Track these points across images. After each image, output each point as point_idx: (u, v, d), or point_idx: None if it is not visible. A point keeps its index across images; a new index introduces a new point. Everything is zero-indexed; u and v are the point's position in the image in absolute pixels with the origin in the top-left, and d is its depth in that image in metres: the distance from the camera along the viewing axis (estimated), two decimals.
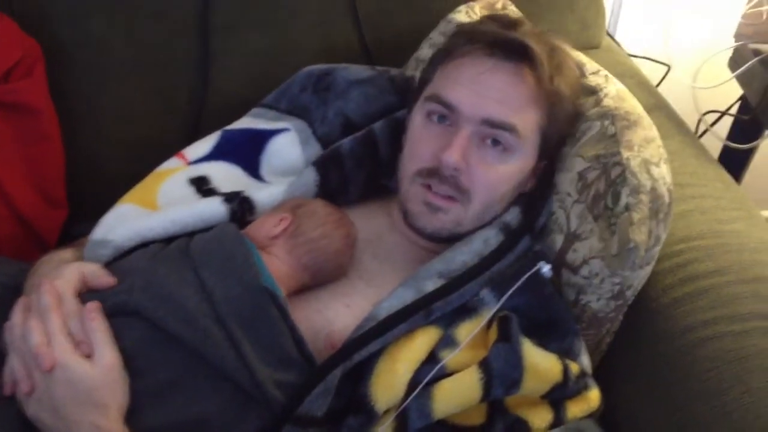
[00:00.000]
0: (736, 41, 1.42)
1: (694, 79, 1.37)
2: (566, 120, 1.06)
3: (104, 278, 0.92)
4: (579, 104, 1.08)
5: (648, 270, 1.00)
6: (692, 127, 1.43)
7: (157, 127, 1.32)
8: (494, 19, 1.09)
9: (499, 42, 1.00)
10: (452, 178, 0.99)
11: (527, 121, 1.00)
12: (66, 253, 1.05)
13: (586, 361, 0.99)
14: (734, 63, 1.43)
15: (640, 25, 1.61)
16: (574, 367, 0.94)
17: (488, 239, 1.01)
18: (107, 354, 0.84)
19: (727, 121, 1.54)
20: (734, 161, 1.50)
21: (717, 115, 1.50)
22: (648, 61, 1.56)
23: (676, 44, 1.46)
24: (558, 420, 0.93)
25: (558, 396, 0.93)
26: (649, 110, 1.29)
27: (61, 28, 1.25)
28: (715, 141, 1.45)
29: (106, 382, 0.83)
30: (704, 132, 1.47)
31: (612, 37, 1.59)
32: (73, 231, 1.23)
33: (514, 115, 0.98)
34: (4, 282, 0.99)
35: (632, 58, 1.54)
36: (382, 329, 0.91)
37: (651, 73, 1.55)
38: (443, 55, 1.06)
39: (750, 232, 1.08)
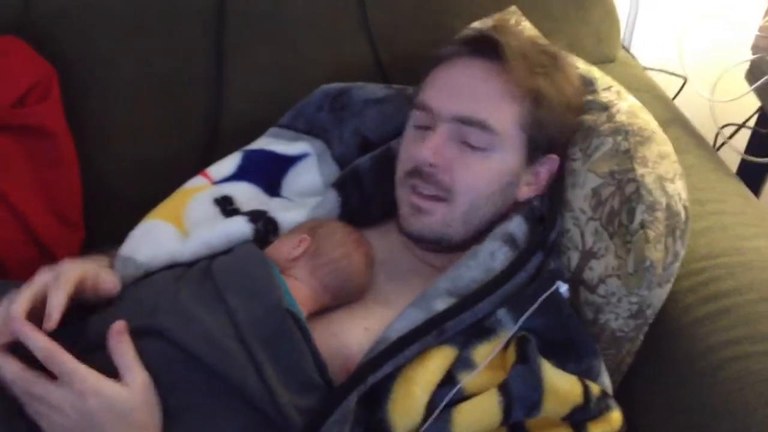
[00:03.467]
0: (753, 53, 1.41)
1: (711, 92, 1.36)
2: (557, 123, 1.05)
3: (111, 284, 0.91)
4: (576, 112, 1.08)
5: (667, 288, 0.99)
6: (710, 140, 1.42)
7: (170, 147, 1.32)
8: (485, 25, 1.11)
9: (471, 40, 1.03)
10: (432, 176, 1.01)
11: (501, 116, 1.00)
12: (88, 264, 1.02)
13: (606, 381, 0.98)
14: (752, 75, 1.41)
15: (655, 38, 1.60)
16: (594, 389, 0.93)
17: (494, 252, 1.00)
18: (138, 374, 0.83)
19: (745, 134, 1.52)
20: (753, 174, 1.49)
21: (734, 128, 1.48)
22: (664, 74, 1.55)
23: (692, 57, 1.45)
24: None
25: (579, 418, 0.92)
26: (665, 124, 1.29)
27: (74, 50, 1.25)
28: (733, 154, 1.43)
29: (143, 403, 0.83)
30: (722, 145, 1.46)
31: (627, 51, 1.58)
32: (89, 253, 1.22)
33: (485, 111, 1.00)
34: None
35: (648, 71, 1.53)
36: (393, 351, 0.90)
37: (667, 85, 1.54)
38: (430, 65, 1.09)
39: None
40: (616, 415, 0.94)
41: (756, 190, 1.51)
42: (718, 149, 1.50)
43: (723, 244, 1.07)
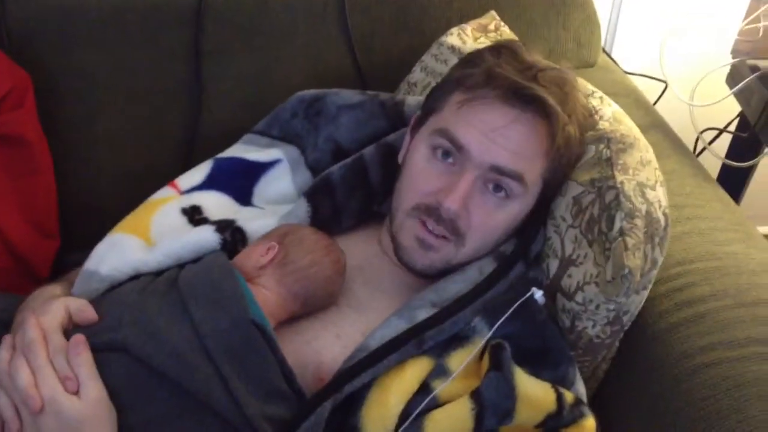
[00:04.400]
0: (733, 57, 1.41)
1: (691, 96, 1.35)
2: (573, 164, 1.04)
3: (89, 313, 0.91)
4: (584, 140, 1.06)
5: (644, 294, 0.98)
6: (690, 145, 1.41)
7: (149, 155, 1.32)
8: (511, 56, 1.03)
9: (519, 93, 0.96)
10: (450, 222, 0.98)
11: (535, 171, 0.98)
12: (55, 289, 1.04)
13: (581, 388, 0.97)
14: (732, 80, 1.41)
15: (637, 43, 1.60)
16: (568, 396, 0.92)
17: (482, 267, 1.00)
18: (93, 388, 0.83)
19: (726, 139, 1.52)
20: (733, 179, 1.49)
21: (715, 132, 1.48)
22: (646, 79, 1.55)
23: (673, 61, 1.45)
24: None
25: (553, 425, 0.91)
26: (646, 129, 1.28)
27: (52, 59, 1.25)
28: (715, 159, 1.43)
29: (93, 417, 0.82)
30: (702, 150, 1.46)
31: (609, 55, 1.58)
32: (66, 261, 1.22)
33: (524, 166, 0.96)
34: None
35: (629, 76, 1.53)
36: (373, 360, 0.90)
37: (648, 90, 1.54)
38: (454, 86, 1.02)
39: (749, 253, 1.06)
40: (589, 423, 0.93)
41: (737, 194, 1.50)
42: (699, 154, 1.49)
43: (699, 249, 1.06)
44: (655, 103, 1.54)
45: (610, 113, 1.07)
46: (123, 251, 1.03)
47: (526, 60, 1.01)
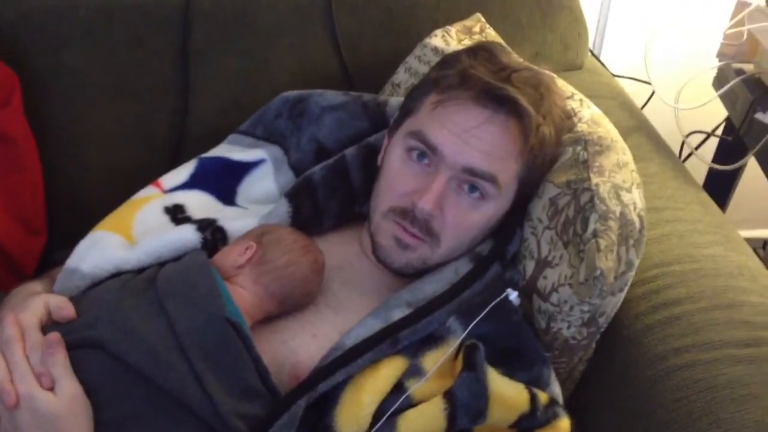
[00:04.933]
0: (719, 61, 1.41)
1: (676, 99, 1.36)
2: (548, 164, 1.04)
3: (67, 311, 0.92)
4: (561, 142, 1.06)
5: (620, 296, 0.99)
6: (677, 148, 1.42)
7: (136, 154, 1.33)
8: (485, 57, 1.04)
9: (491, 93, 0.97)
10: (425, 222, 0.98)
11: (508, 172, 0.99)
12: (36, 286, 1.05)
13: (556, 389, 0.98)
14: (718, 83, 1.42)
15: (624, 46, 1.60)
16: (542, 397, 0.93)
17: (458, 268, 1.01)
18: (68, 385, 0.84)
19: (715, 143, 1.53)
20: (720, 183, 1.49)
21: (701, 136, 1.48)
22: (634, 81, 1.55)
23: (660, 64, 1.45)
24: None
25: (526, 426, 0.92)
26: (630, 131, 1.29)
27: (39, 58, 1.26)
28: (701, 163, 1.43)
29: (69, 412, 0.83)
30: (689, 155, 1.46)
31: (597, 58, 1.58)
32: (53, 258, 1.22)
33: (497, 167, 0.97)
34: None
35: (617, 78, 1.53)
36: (347, 359, 0.90)
37: (637, 93, 1.55)
38: (430, 87, 1.03)
39: (727, 256, 1.07)
40: (564, 423, 0.94)
41: (723, 198, 1.51)
42: (686, 159, 1.50)
43: (677, 252, 1.07)
44: (642, 107, 1.54)
45: (588, 115, 1.08)
46: (104, 249, 1.04)
47: (502, 61, 1.01)
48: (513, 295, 0.96)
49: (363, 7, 1.36)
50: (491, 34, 1.31)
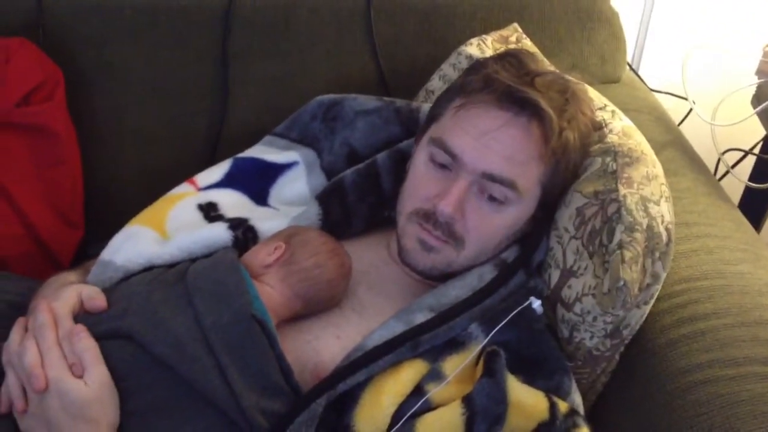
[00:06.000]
0: (758, 78, 1.40)
1: (713, 116, 1.35)
2: (572, 170, 1.04)
3: (99, 301, 0.95)
4: (587, 149, 1.07)
5: (645, 309, 0.99)
6: (713, 165, 1.41)
7: (174, 152, 1.36)
8: (512, 63, 1.05)
9: (512, 95, 0.98)
10: (447, 225, 1.00)
11: (529, 177, 0.99)
12: (70, 276, 1.08)
13: (577, 399, 0.98)
14: (757, 101, 1.40)
15: (663, 61, 1.60)
16: (562, 406, 0.93)
17: (483, 275, 1.02)
18: (97, 373, 0.87)
19: (751, 161, 1.51)
20: (756, 201, 1.47)
21: (738, 154, 1.47)
22: (673, 98, 1.54)
23: (698, 81, 1.44)
24: None
25: None
26: (664, 146, 1.29)
27: (84, 54, 1.30)
28: (737, 181, 1.42)
29: (96, 399, 0.86)
30: (726, 173, 1.45)
31: (635, 72, 1.58)
32: (89, 251, 1.26)
33: (517, 172, 0.98)
34: (12, 300, 1.02)
35: (655, 93, 1.53)
36: (368, 359, 0.92)
37: (675, 109, 1.54)
38: (455, 92, 1.05)
39: (756, 273, 1.05)
40: None
41: (759, 217, 1.49)
42: (722, 177, 1.48)
43: (706, 267, 1.06)
44: (680, 123, 1.53)
45: (619, 127, 1.08)
46: (138, 243, 1.07)
47: (529, 67, 1.02)
48: (536, 304, 0.96)
49: (401, 15, 1.38)
50: (527, 44, 1.31)
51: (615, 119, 1.10)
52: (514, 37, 1.32)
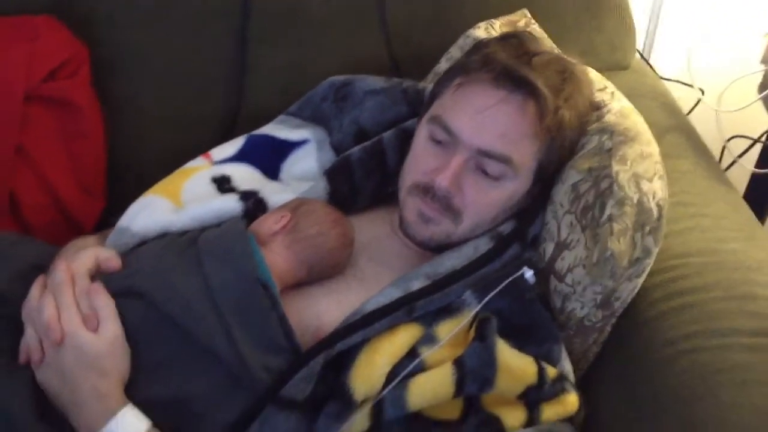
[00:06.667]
0: (765, 65, 1.42)
1: (718, 102, 1.37)
2: (567, 147, 1.08)
3: (113, 262, 1.01)
4: (585, 128, 1.10)
5: (637, 282, 1.03)
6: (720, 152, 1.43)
7: (191, 132, 1.40)
8: (513, 44, 1.09)
9: (508, 74, 1.02)
10: (444, 199, 1.04)
11: (524, 153, 1.03)
12: (90, 240, 1.14)
13: (567, 367, 1.02)
14: (762, 89, 1.42)
15: (674, 49, 1.62)
16: (551, 371, 0.97)
17: (479, 246, 1.05)
18: (110, 327, 0.93)
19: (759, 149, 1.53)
20: (762, 188, 1.49)
21: (744, 141, 1.49)
22: (681, 86, 1.57)
23: (707, 69, 1.47)
24: (532, 421, 0.96)
25: (534, 398, 0.96)
26: (669, 130, 1.32)
27: (109, 36, 1.35)
28: (745, 168, 1.44)
29: (109, 352, 0.92)
30: (732, 163, 1.47)
31: (646, 60, 1.60)
32: (110, 221, 1.32)
33: (511, 148, 1.02)
34: (35, 263, 1.07)
35: (665, 82, 1.55)
36: (365, 322, 0.97)
37: (687, 98, 1.56)
38: (456, 72, 1.09)
39: (747, 251, 1.09)
40: (571, 398, 0.98)
41: (765, 203, 1.50)
42: (730, 166, 1.50)
43: (699, 245, 1.09)
44: (689, 111, 1.56)
45: (618, 108, 1.11)
46: (154, 211, 1.13)
47: (528, 47, 1.06)
48: (528, 274, 1.00)
49: (414, 1, 1.41)
50: (536, 30, 1.34)
51: (614, 100, 1.13)
52: (523, 22, 1.35)
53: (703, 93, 1.53)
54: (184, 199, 1.16)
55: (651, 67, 1.57)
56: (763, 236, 1.14)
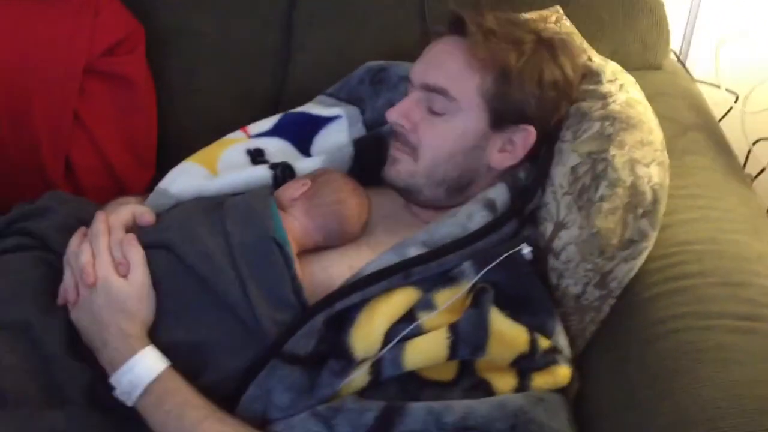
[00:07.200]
0: None
1: (744, 103, 1.39)
2: (528, 97, 1.12)
3: (147, 216, 1.11)
4: (563, 93, 1.15)
5: (633, 264, 1.07)
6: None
7: (236, 110, 1.49)
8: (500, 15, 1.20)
9: (450, 21, 1.16)
10: (402, 136, 1.15)
11: (462, 85, 1.12)
12: (130, 199, 1.25)
13: (562, 341, 1.06)
14: None
15: (710, 53, 1.63)
16: (543, 342, 1.02)
17: (472, 214, 1.10)
18: (139, 273, 1.03)
19: None
20: None
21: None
22: (717, 90, 1.58)
23: (743, 71, 1.49)
24: (522, 387, 1.01)
25: (525, 366, 1.01)
26: (691, 128, 1.35)
27: (166, 16, 1.47)
28: None
29: (136, 296, 1.02)
30: (762, 170, 1.47)
31: (682, 62, 1.63)
32: None
33: (449, 82, 1.12)
34: (83, 218, 1.17)
35: (698, 83, 1.57)
36: (362, 284, 1.04)
37: (724, 102, 1.58)
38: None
39: (749, 243, 1.11)
40: (563, 371, 1.03)
41: None
42: (760, 174, 1.51)
43: (701, 234, 1.12)
44: (724, 116, 1.57)
45: (623, 98, 1.14)
46: (191, 177, 1.23)
47: (507, 15, 1.20)
48: (526, 250, 1.05)
49: None
50: (566, 26, 1.38)
51: (621, 92, 1.16)
52: (554, 17, 1.39)
53: (737, 99, 1.54)
54: (219, 167, 1.26)
55: (685, 68, 1.60)
56: None
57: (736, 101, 1.57)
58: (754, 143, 1.44)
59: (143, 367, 0.98)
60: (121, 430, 1.00)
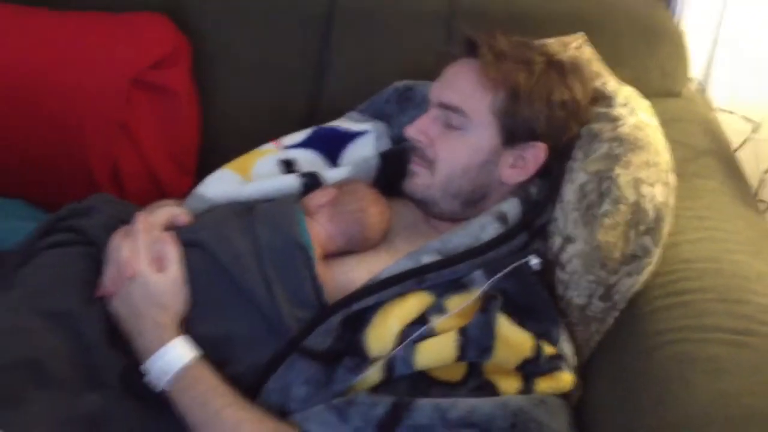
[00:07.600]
0: None
1: (755, 129, 1.44)
2: (539, 116, 1.18)
3: (183, 217, 1.20)
4: (572, 112, 1.21)
5: (637, 279, 1.13)
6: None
7: (273, 124, 1.54)
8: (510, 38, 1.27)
9: (464, 44, 1.25)
10: (420, 150, 1.23)
11: (475, 103, 1.19)
12: (169, 202, 1.34)
13: (566, 349, 1.11)
14: None
15: (731, 80, 1.66)
16: (548, 349, 1.08)
17: (484, 225, 1.16)
18: (174, 270, 1.12)
19: None
20: None
21: None
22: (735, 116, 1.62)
23: (762, 101, 1.53)
24: (526, 390, 1.07)
25: (529, 370, 1.07)
26: (704, 153, 1.40)
27: (210, 32, 1.57)
28: None
29: (170, 290, 1.11)
30: None
31: (702, 89, 1.67)
32: None
33: (462, 99, 1.20)
34: (123, 218, 1.24)
35: (718, 112, 1.62)
36: (378, 287, 1.11)
37: (743, 130, 1.62)
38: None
39: (751, 263, 1.16)
40: (565, 377, 1.08)
41: None
42: None
43: (705, 254, 1.17)
44: (742, 145, 1.61)
45: (633, 122, 1.20)
46: (226, 183, 1.32)
47: (521, 41, 1.26)
48: (534, 261, 1.11)
49: (482, 15, 1.56)
50: (587, 51, 1.44)
51: (632, 115, 1.22)
52: (575, 43, 1.45)
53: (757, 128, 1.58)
54: (253, 175, 1.34)
55: (705, 96, 1.64)
56: None
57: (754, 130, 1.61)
58: (767, 171, 1.48)
59: (173, 355, 1.06)
60: (151, 415, 1.08)
